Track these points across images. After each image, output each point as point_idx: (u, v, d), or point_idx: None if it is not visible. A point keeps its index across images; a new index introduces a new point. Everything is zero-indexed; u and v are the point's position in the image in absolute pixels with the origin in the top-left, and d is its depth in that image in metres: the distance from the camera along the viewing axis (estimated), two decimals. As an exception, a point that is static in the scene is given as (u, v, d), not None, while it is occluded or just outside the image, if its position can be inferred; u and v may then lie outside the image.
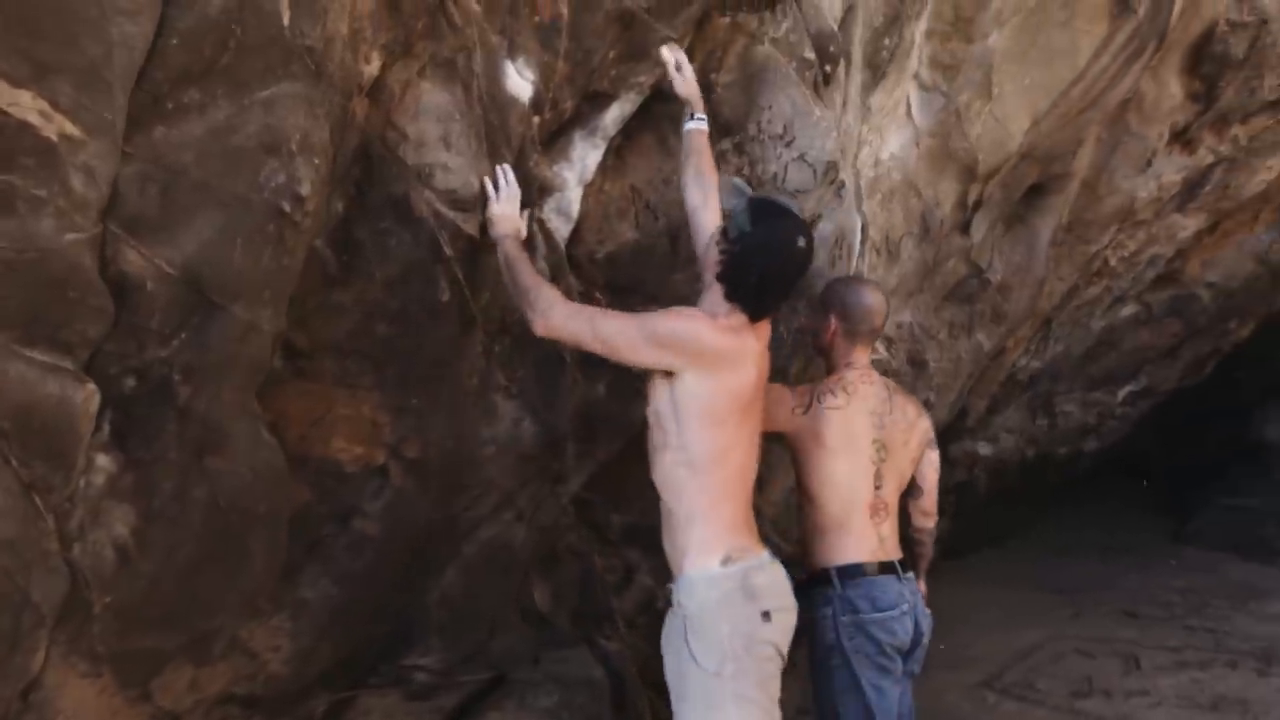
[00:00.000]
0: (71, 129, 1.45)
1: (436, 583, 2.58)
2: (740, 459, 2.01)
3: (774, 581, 2.00)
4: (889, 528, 2.55)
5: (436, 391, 2.23)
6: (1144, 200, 4.66)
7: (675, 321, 1.98)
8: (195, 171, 1.64)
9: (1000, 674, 3.99)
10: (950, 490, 4.04)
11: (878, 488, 2.53)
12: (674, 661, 2.02)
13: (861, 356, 2.54)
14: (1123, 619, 4.77)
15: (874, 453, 2.51)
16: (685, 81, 2.29)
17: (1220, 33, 3.86)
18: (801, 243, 2.00)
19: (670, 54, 2.29)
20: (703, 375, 1.94)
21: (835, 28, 2.59)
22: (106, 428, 1.71)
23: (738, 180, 2.17)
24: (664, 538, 2.05)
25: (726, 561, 1.95)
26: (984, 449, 5.48)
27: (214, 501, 1.88)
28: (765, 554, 2.03)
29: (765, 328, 2.15)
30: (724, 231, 2.00)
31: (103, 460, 1.72)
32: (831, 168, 2.66)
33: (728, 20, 2.46)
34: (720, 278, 1.99)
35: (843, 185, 2.75)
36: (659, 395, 1.99)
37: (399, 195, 2.02)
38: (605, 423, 2.69)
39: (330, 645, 2.34)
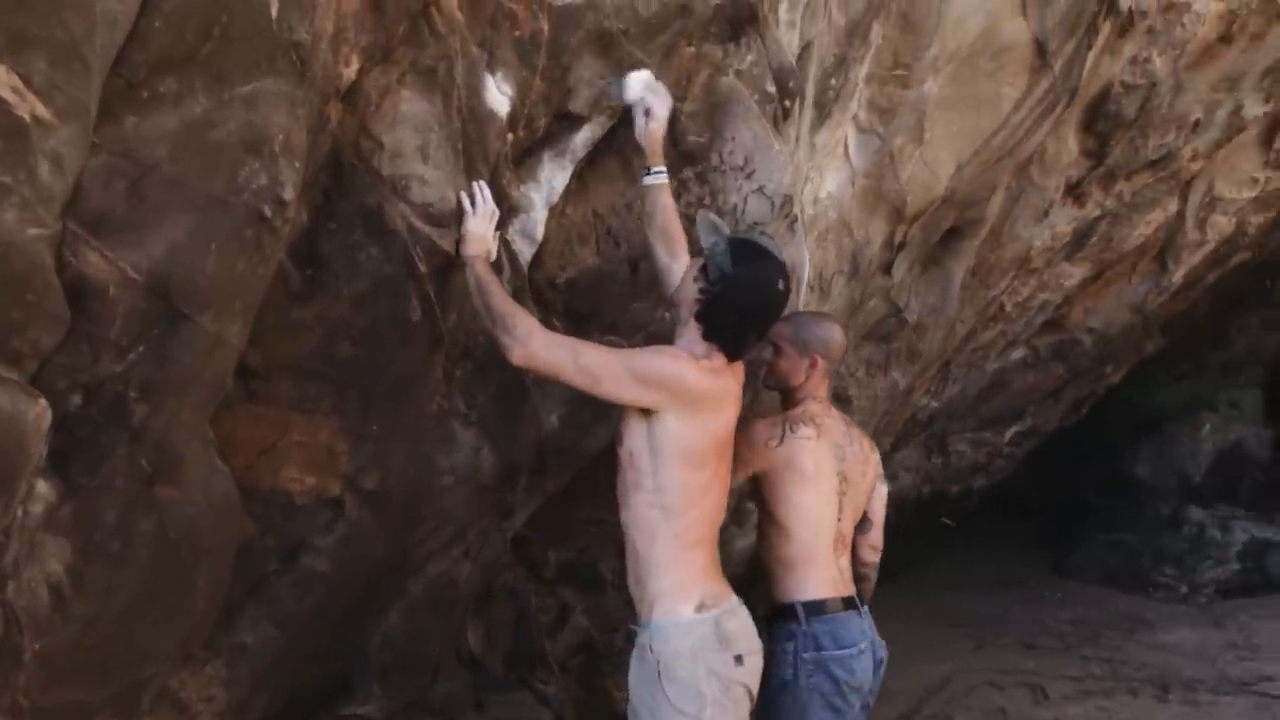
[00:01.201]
0: (43, 111, 1.30)
1: (379, 624, 2.42)
2: (714, 501, 1.97)
3: (744, 625, 1.97)
4: (846, 561, 2.55)
5: (398, 417, 2.10)
6: (1039, 249, 4.94)
7: (661, 360, 1.93)
8: (168, 167, 1.49)
9: (919, 708, 4.05)
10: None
11: (838, 520, 2.53)
12: (647, 706, 1.95)
13: (824, 392, 2.55)
14: (1022, 650, 4.94)
15: (838, 485, 2.52)
16: (650, 131, 2.20)
17: (1115, 93, 4.14)
18: (781, 285, 2.00)
19: (646, 91, 2.21)
20: (684, 416, 1.90)
21: (794, 64, 2.63)
22: (44, 450, 1.52)
23: (713, 216, 2.15)
24: (630, 580, 1.98)
25: (700, 608, 1.91)
26: (886, 487, 5.62)
27: (162, 534, 1.70)
28: (734, 599, 1.99)
29: (740, 368, 2.13)
30: (703, 270, 1.96)
31: (42, 488, 1.53)
32: (788, 201, 2.69)
33: (693, 50, 2.46)
34: (699, 317, 1.95)
35: (795, 219, 2.78)
36: (634, 434, 1.93)
37: (371, 207, 1.91)
38: (557, 455, 2.60)
39: (267, 695, 2.15)
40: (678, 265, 2.22)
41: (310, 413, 1.99)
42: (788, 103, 2.64)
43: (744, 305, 1.95)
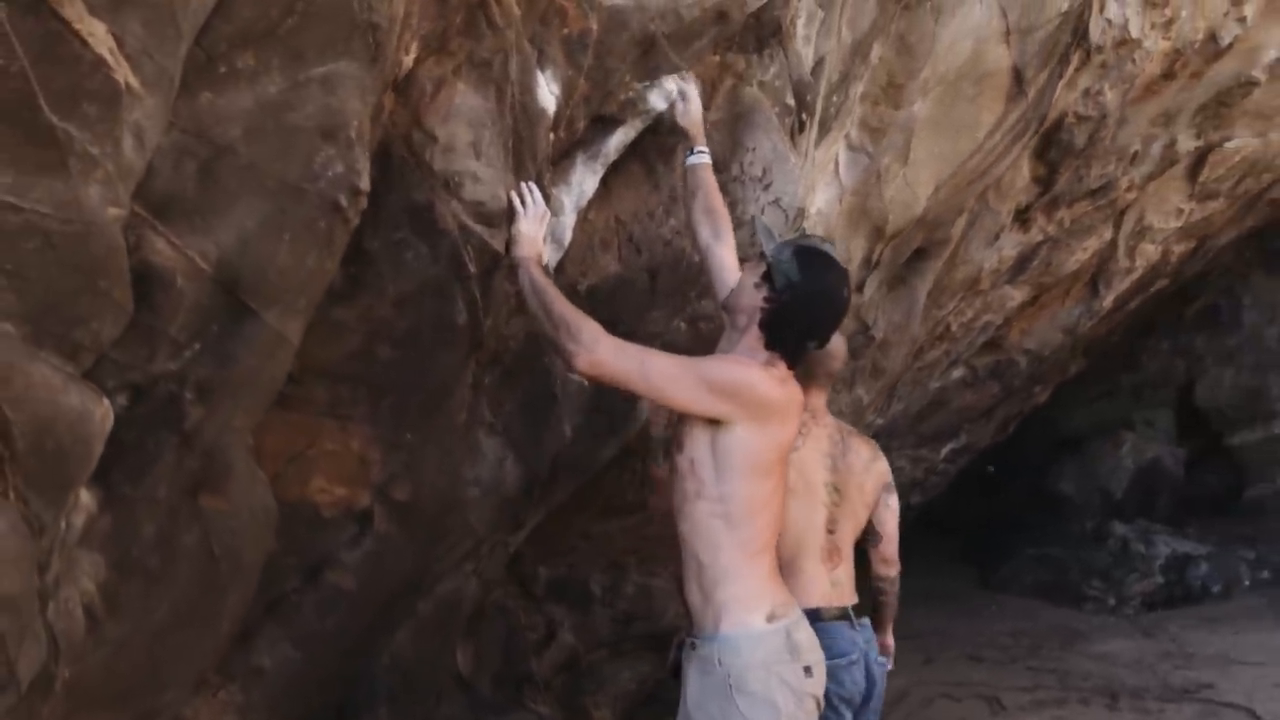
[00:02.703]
0: (132, 79, 1.18)
1: (388, 644, 2.29)
2: (777, 509, 1.93)
3: (811, 636, 1.94)
4: (843, 572, 2.53)
5: (431, 425, 2.00)
6: (987, 271, 5.09)
7: (733, 369, 1.88)
8: (243, 149, 1.38)
9: (884, 721, 4.07)
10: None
11: (830, 531, 2.50)
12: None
13: (815, 399, 2.52)
14: (970, 662, 5.04)
15: (827, 496, 2.50)
16: (689, 113, 2.24)
17: (1068, 123, 4.32)
18: (846, 293, 1.99)
19: (676, 83, 2.23)
20: (754, 427, 1.85)
21: (811, 78, 2.64)
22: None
23: (765, 219, 2.13)
24: (691, 590, 1.92)
25: (771, 618, 1.86)
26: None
27: (204, 549, 1.56)
28: (799, 609, 1.96)
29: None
30: (766, 277, 1.92)
31: (85, 497, 1.38)
32: (800, 214, 2.69)
33: (719, 59, 2.44)
34: (764, 326, 1.91)
35: (804, 232, 2.78)
36: (697, 443, 1.88)
37: (421, 203, 1.81)
38: (568, 467, 2.52)
39: (279, 722, 2.00)
40: (721, 247, 2.17)
41: (343, 419, 1.87)
42: (804, 116, 2.65)
43: (812, 315, 1.92)
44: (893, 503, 2.66)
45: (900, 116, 3.30)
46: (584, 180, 2.26)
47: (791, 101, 2.59)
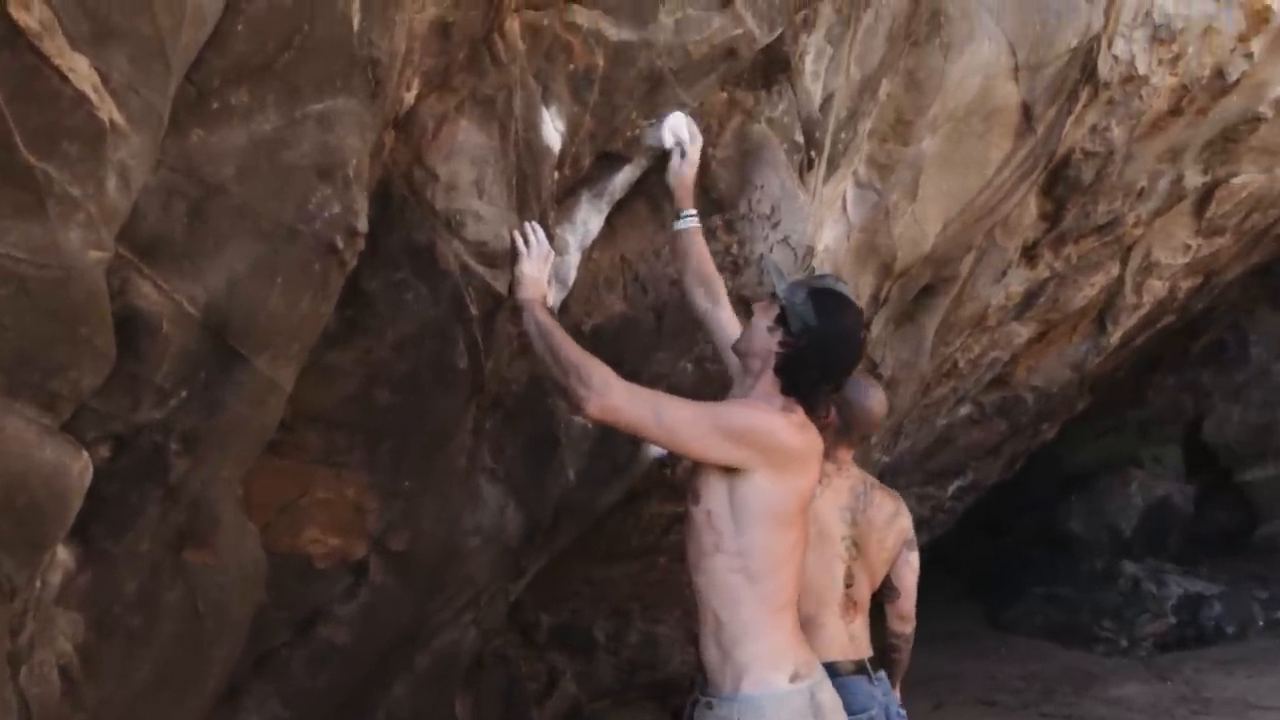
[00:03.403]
0: (117, 116, 1.12)
1: (384, 699, 2.20)
2: (799, 562, 1.85)
3: (834, 697, 1.85)
4: (860, 625, 2.46)
5: (430, 472, 1.92)
6: (994, 308, 5.04)
7: (751, 415, 1.81)
8: (235, 189, 1.32)
9: (897, 772, 3.95)
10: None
11: (849, 585, 2.44)
12: None
13: (844, 454, 2.46)
14: (982, 708, 4.91)
15: (844, 550, 2.43)
16: (683, 174, 2.15)
17: (1075, 159, 4.28)
18: (862, 335, 1.92)
19: (680, 129, 2.15)
20: (773, 475, 1.77)
21: (820, 115, 2.60)
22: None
23: (774, 258, 2.06)
24: (708, 647, 1.83)
25: (794, 678, 1.77)
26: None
27: (189, 607, 1.48)
28: (822, 667, 1.87)
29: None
30: (780, 321, 1.86)
31: (62, 554, 1.31)
32: (810, 252, 2.63)
33: (726, 96, 2.40)
34: (780, 370, 1.84)
35: (814, 271, 2.72)
36: (714, 493, 1.80)
37: (422, 243, 1.75)
38: (571, 513, 2.44)
39: (267, 786, 1.91)
40: (720, 310, 2.12)
41: (338, 466, 1.80)
42: (813, 153, 2.60)
43: (829, 359, 1.85)
44: (913, 559, 2.58)
45: (909, 153, 3.26)
46: (589, 219, 2.21)
47: (800, 139, 2.54)
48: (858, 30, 2.72)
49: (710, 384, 2.44)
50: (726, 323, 2.11)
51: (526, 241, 1.87)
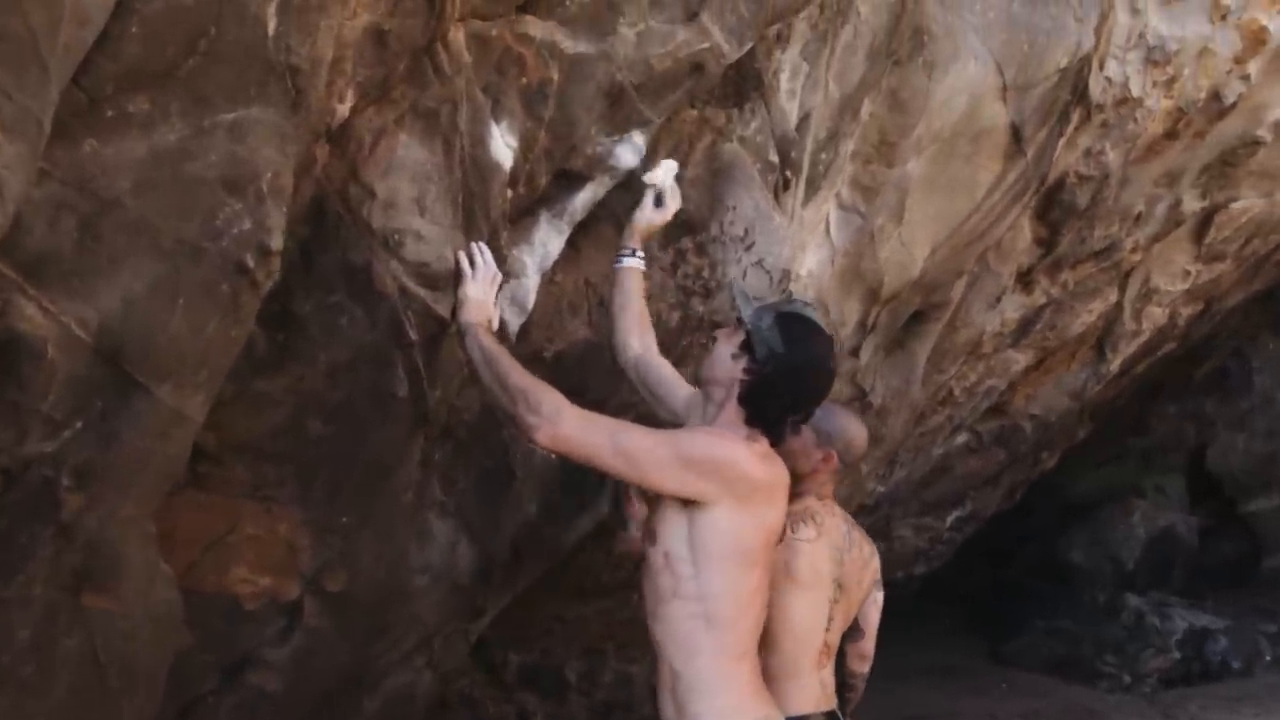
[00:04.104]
0: (-16, 123, 1.02)
1: (327, 750, 2.07)
2: (761, 606, 1.74)
3: None
4: (829, 672, 2.35)
5: (370, 508, 1.81)
6: (989, 334, 4.92)
7: (713, 443, 1.69)
8: (131, 204, 1.22)
9: (891, 817, 3.79)
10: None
11: (826, 630, 2.33)
12: None
13: (825, 488, 2.36)
14: (982, 749, 4.75)
15: (832, 592, 2.32)
16: (651, 220, 2.05)
17: (1070, 183, 4.19)
18: (833, 363, 1.81)
19: (661, 182, 2.05)
20: (736, 508, 1.66)
21: (796, 134, 2.50)
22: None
23: (742, 283, 1.96)
24: (664, 701, 1.70)
25: None
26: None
27: (88, 655, 1.37)
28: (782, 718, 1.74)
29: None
30: (744, 347, 1.74)
31: (-62, 600, 1.20)
32: (786, 275, 2.53)
33: (697, 113, 2.30)
34: (744, 399, 1.73)
35: (791, 295, 2.62)
36: (672, 532, 1.68)
37: (357, 264, 1.65)
38: (534, 547, 2.33)
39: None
40: (654, 357, 2.01)
41: (268, 501, 1.69)
42: (789, 173, 2.50)
43: (797, 387, 1.74)
44: (879, 598, 2.48)
45: (894, 175, 3.16)
46: (549, 240, 2.10)
47: (775, 158, 2.44)
48: (836, 47, 2.63)
49: (679, 413, 2.33)
50: (664, 371, 1.98)
51: (472, 262, 1.76)
